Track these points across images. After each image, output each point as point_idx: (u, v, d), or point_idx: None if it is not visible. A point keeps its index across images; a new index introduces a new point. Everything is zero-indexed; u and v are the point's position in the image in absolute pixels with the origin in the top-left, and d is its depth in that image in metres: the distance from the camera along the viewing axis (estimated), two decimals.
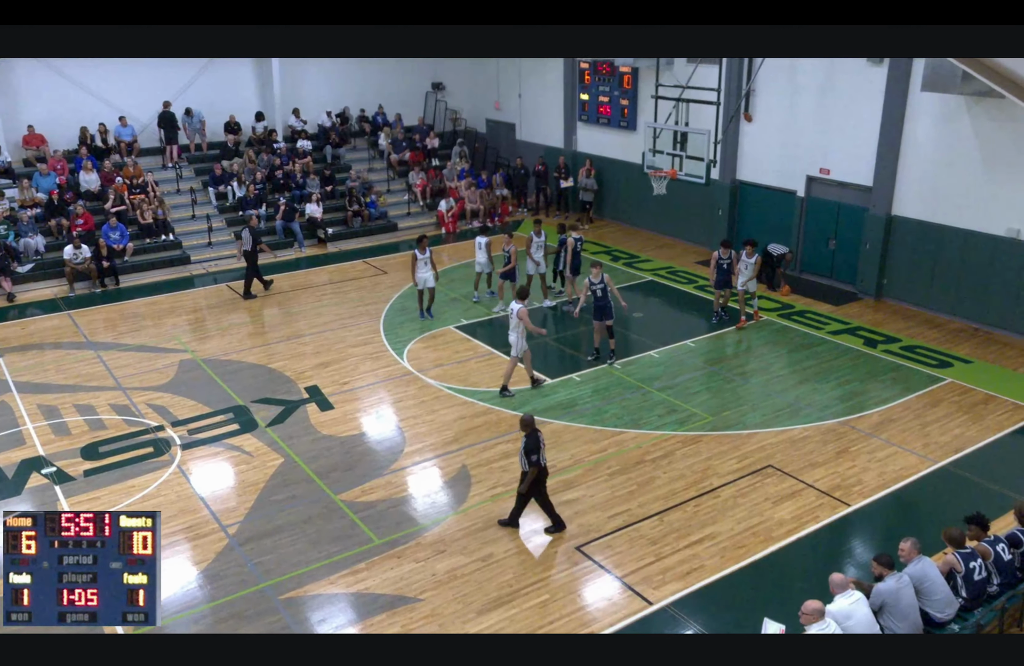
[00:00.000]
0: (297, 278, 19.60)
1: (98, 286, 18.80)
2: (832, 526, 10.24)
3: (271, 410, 13.18)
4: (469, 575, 9.42)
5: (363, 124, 25.66)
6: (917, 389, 13.63)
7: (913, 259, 16.80)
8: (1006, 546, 8.20)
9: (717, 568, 9.48)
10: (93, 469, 11.59)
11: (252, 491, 11.06)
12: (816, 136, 17.94)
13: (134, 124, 22.44)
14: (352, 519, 10.43)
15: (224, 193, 22.05)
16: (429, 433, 12.46)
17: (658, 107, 17.46)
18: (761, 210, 19.72)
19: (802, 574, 9.40)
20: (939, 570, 7.89)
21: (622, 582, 9.30)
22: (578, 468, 11.47)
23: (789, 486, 11.00)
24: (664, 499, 10.76)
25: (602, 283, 14.23)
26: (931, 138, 15.99)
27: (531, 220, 17.75)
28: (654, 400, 13.36)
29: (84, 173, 20.55)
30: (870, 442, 12.07)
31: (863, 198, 17.48)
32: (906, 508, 10.83)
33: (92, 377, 14.40)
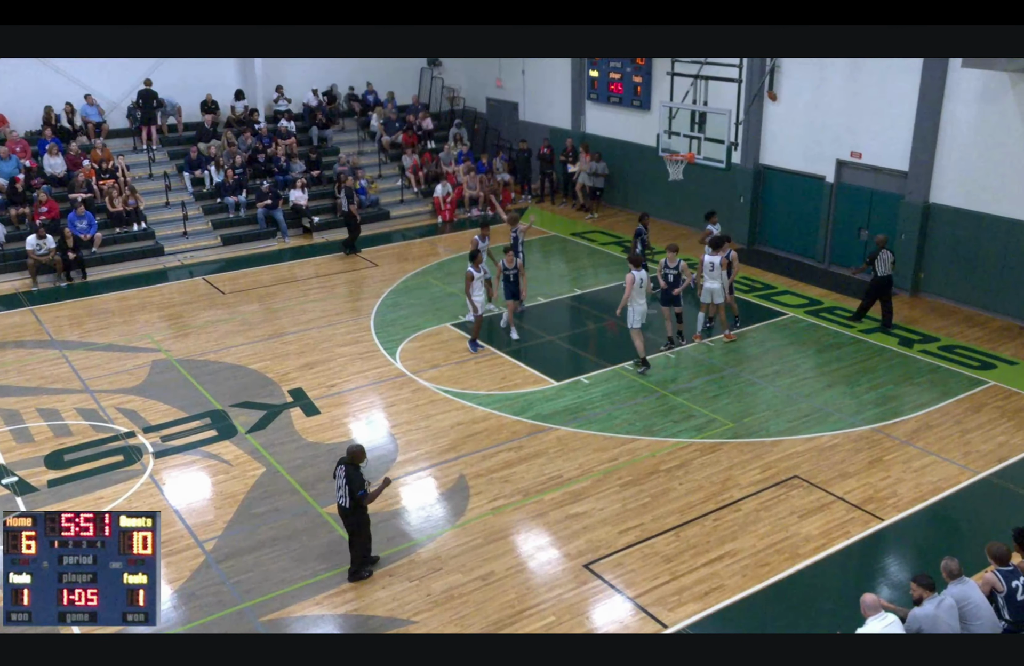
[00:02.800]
0: (280, 271, 19.61)
1: (63, 279, 18.80)
2: (864, 542, 10.22)
3: (252, 415, 13.18)
4: (468, 595, 9.41)
5: (352, 103, 25.66)
6: (957, 393, 13.61)
7: (952, 251, 16.77)
8: None
9: (738, 588, 9.47)
10: (58, 479, 11.59)
11: (231, 503, 11.05)
12: (847, 117, 17.91)
13: (103, 103, 22.43)
14: (340, 534, 10.41)
15: (200, 178, 22.05)
16: (424, 440, 12.45)
17: (674, 85, 17.43)
18: (786, 197, 19.70)
19: (831, 595, 9.39)
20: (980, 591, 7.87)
21: (634, 603, 9.29)
22: (586, 479, 11.47)
23: (817, 499, 10.98)
24: (680, 513, 10.75)
25: (676, 268, 14.45)
26: (972, 118, 15.95)
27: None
28: (670, 404, 13.35)
29: (49, 157, 20.56)
30: (905, 451, 12.05)
31: (898, 184, 17.45)
32: (945, 523, 10.82)
33: (57, 379, 14.40)
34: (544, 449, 12.17)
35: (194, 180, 22.02)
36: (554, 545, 10.23)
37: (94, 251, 19.47)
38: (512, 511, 10.81)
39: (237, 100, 23.90)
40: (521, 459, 11.93)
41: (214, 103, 23.50)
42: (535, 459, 11.92)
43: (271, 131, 23.48)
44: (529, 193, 24.82)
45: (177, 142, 23.06)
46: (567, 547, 10.16)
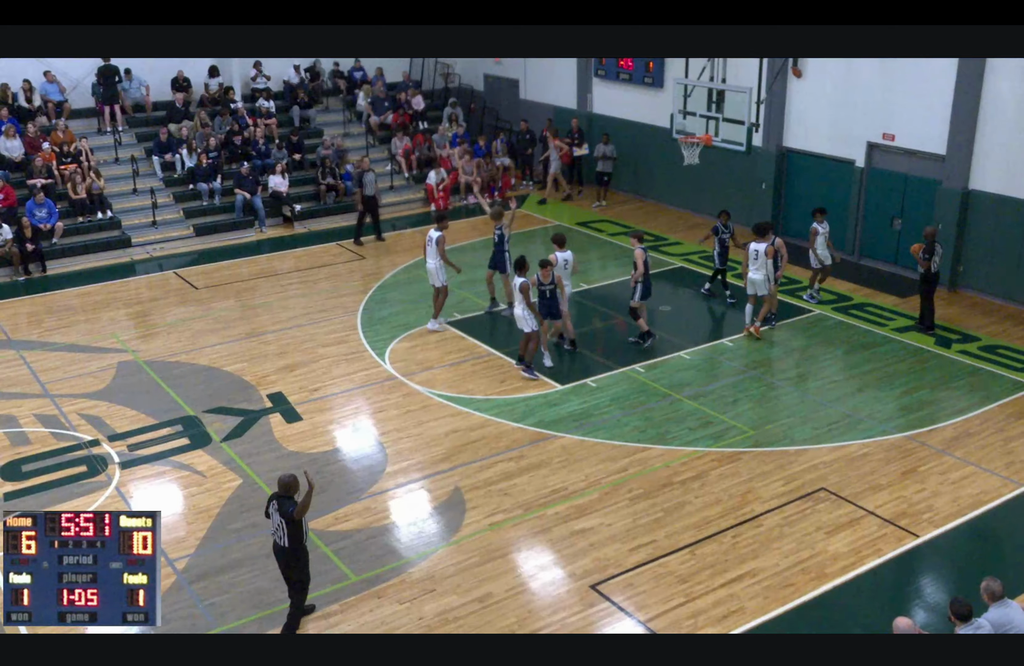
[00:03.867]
0: (258, 264, 19.63)
1: (21, 273, 18.82)
2: (897, 561, 10.22)
3: (227, 422, 13.20)
4: (463, 619, 9.42)
5: (337, 81, 25.67)
6: (999, 398, 13.62)
7: (994, 242, 16.77)
8: None
9: (759, 611, 9.48)
10: (15, 492, 11.59)
11: (205, 518, 11.06)
12: (879, 95, 17.92)
13: (64, 80, 22.44)
14: (324, 552, 10.43)
15: (171, 163, 22.06)
16: (416, 449, 12.46)
17: (689, 60, 17.45)
18: (812, 183, 19.72)
19: (860, 619, 9.39)
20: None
21: (646, 627, 9.29)
22: (593, 491, 11.48)
23: (846, 513, 10.99)
24: (696, 529, 10.76)
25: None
26: (1016, 98, 15.96)
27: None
28: (684, 410, 13.36)
29: (5, 139, 20.57)
30: (943, 461, 12.06)
31: (935, 169, 17.46)
32: (986, 540, 10.83)
33: (13, 382, 14.41)
34: (547, 459, 12.18)
35: (164, 165, 22.03)
36: (558, 564, 10.23)
37: (55, 242, 19.48)
38: (512, 527, 10.82)
39: (211, 77, 23.92)
40: (522, 470, 11.93)
41: (186, 80, 23.51)
42: (537, 470, 11.93)
43: (249, 111, 23.48)
44: (531, 178, 24.82)
45: (145, 123, 23.08)
46: (572, 566, 10.17)
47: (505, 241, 16.05)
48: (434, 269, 15.63)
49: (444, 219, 15.98)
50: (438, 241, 15.48)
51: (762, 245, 15.03)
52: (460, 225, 20.98)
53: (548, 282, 14.03)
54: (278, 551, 8.98)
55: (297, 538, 8.82)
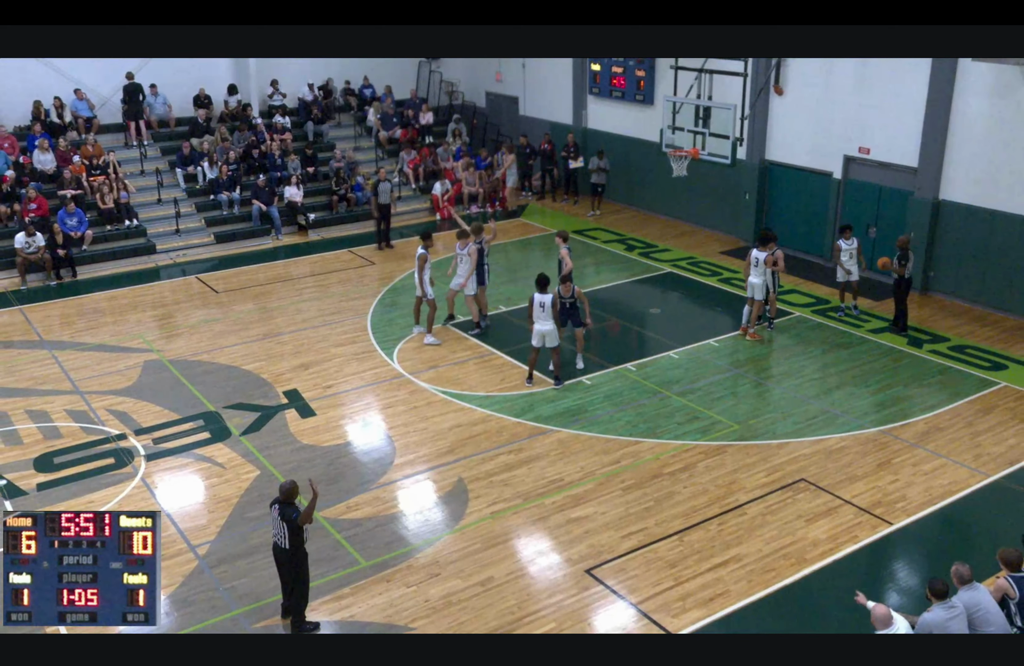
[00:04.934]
0: (275, 269, 19.62)
1: (53, 278, 18.80)
2: (873, 547, 10.22)
3: (246, 417, 13.19)
4: (467, 601, 9.42)
5: (349, 98, 25.66)
6: (968, 394, 13.61)
7: (963, 249, 16.76)
8: None
9: (743, 594, 9.47)
10: (47, 482, 11.59)
11: (224, 507, 11.06)
12: (855, 111, 17.91)
13: (93, 97, 22.44)
14: (336, 538, 10.43)
15: (193, 174, 22.05)
16: (422, 443, 12.46)
17: (678, 79, 17.44)
18: (793, 194, 19.71)
19: (838, 601, 9.37)
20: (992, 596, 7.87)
21: (637, 609, 9.29)
22: (588, 482, 11.47)
23: (824, 502, 10.98)
24: (684, 517, 10.76)
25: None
26: (984, 113, 15.95)
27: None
28: (673, 406, 13.35)
29: (39, 153, 20.57)
30: (915, 453, 12.05)
31: (907, 181, 17.45)
32: (956, 527, 10.83)
33: (46, 380, 14.41)
34: (545, 452, 12.17)
35: (186, 176, 22.02)
36: (555, 550, 10.23)
37: (84, 249, 19.48)
38: (512, 515, 10.81)
39: (230, 95, 23.91)
40: (521, 462, 11.93)
41: (207, 97, 23.50)
42: (536, 462, 11.93)
43: (266, 126, 23.48)
44: (530, 190, 24.82)
45: (169, 138, 23.08)
46: (568, 552, 10.17)
47: (484, 255, 15.70)
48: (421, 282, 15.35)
49: (429, 237, 15.52)
50: (418, 258, 15.18)
51: (763, 254, 15.08)
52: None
53: (568, 295, 13.78)
54: (279, 553, 8.89)
55: (298, 542, 8.75)
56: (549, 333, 13.55)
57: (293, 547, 8.74)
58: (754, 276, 15.21)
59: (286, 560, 8.84)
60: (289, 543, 8.71)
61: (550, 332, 13.55)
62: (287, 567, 8.89)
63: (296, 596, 8.97)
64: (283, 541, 8.73)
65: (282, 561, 8.89)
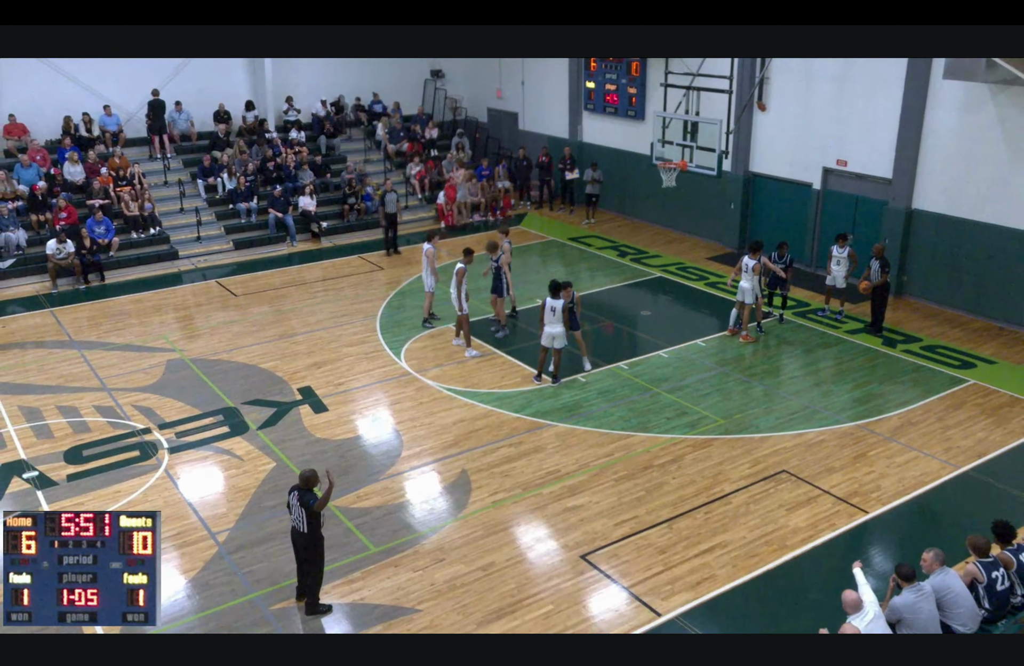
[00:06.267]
0: (289, 274, 19.61)
1: (82, 282, 18.80)
2: (849, 534, 10.23)
3: (262, 412, 13.18)
4: (469, 585, 9.42)
5: (359, 113, 25.66)
6: (938, 391, 13.61)
7: (934, 255, 16.78)
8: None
9: (728, 578, 9.48)
10: (77, 473, 11.59)
11: (242, 497, 11.06)
12: (833, 126, 17.91)
13: (119, 113, 22.45)
14: (347, 526, 10.43)
15: (213, 185, 22.05)
16: (427, 436, 12.46)
17: (667, 96, 17.46)
18: (775, 203, 19.71)
19: (817, 584, 9.40)
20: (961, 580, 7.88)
21: (629, 592, 9.29)
22: (583, 473, 11.47)
23: (804, 492, 10.99)
24: (673, 506, 10.76)
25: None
26: (953, 128, 15.96)
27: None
28: (663, 402, 13.35)
29: (69, 165, 20.57)
30: (889, 446, 12.05)
31: (882, 191, 17.46)
32: (927, 515, 10.83)
33: (76, 377, 14.41)
34: (543, 445, 12.17)
35: (207, 187, 22.01)
36: (552, 537, 10.24)
37: (111, 255, 19.46)
38: (512, 504, 10.82)
39: (248, 110, 23.90)
40: (521, 454, 11.93)
41: (227, 113, 23.50)
42: (534, 454, 11.93)
43: (282, 140, 23.48)
44: (528, 199, 24.81)
45: (191, 150, 23.06)
46: (565, 539, 10.17)
47: (501, 271, 15.58)
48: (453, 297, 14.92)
49: (471, 253, 15.15)
50: (456, 273, 14.79)
51: (752, 261, 15.07)
52: (466, 241, 20.95)
53: (569, 301, 13.65)
54: (297, 536, 8.91)
55: (315, 526, 8.76)
56: (558, 335, 13.55)
57: (311, 532, 8.75)
58: (744, 281, 15.20)
59: (304, 543, 8.85)
60: (307, 528, 8.72)
61: (559, 334, 13.55)
62: (304, 551, 8.89)
63: (311, 579, 8.97)
64: (301, 525, 8.75)
65: (300, 544, 8.90)
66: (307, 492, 8.74)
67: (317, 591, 9.05)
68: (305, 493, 8.72)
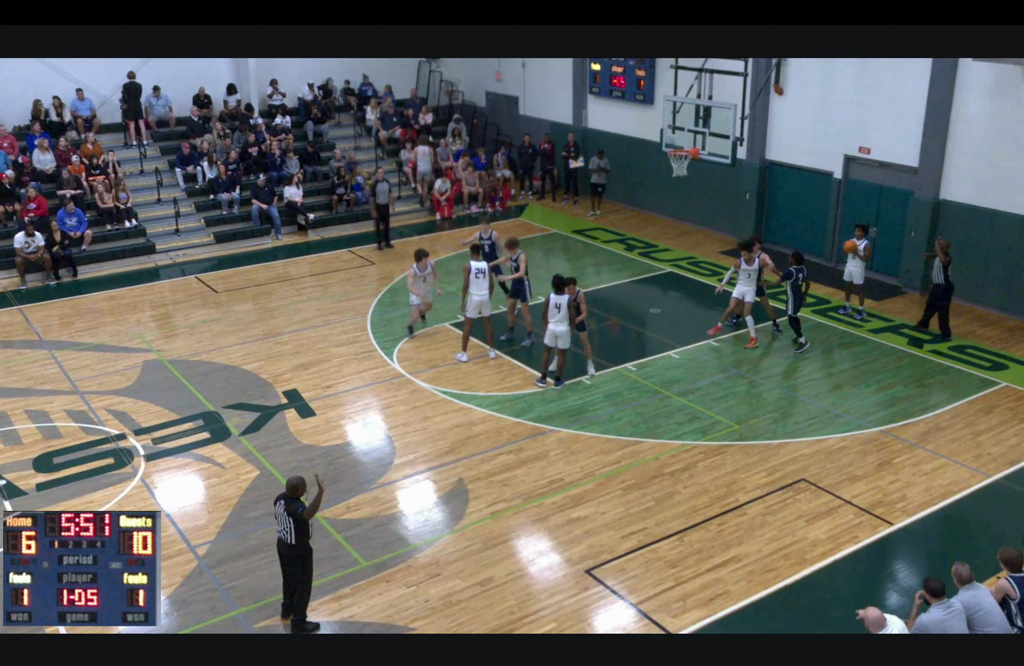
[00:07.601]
0: (274, 269, 19.61)
1: (52, 278, 18.79)
2: (873, 547, 10.22)
3: (245, 417, 13.18)
4: (466, 601, 9.41)
5: (348, 97, 25.65)
6: (968, 394, 13.60)
7: (963, 248, 16.74)
8: None
9: (743, 594, 9.47)
10: (47, 482, 11.58)
11: (224, 507, 11.05)
12: (855, 111, 17.90)
13: (92, 97, 22.43)
14: (336, 539, 10.42)
15: (193, 174, 22.03)
16: (422, 443, 12.45)
17: (678, 78, 17.43)
18: (793, 194, 19.70)
19: (839, 602, 9.38)
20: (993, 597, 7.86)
21: (637, 609, 9.28)
22: (588, 482, 11.47)
23: (824, 502, 10.98)
24: (684, 517, 10.75)
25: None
26: (984, 113, 15.95)
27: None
28: (673, 406, 13.34)
29: (39, 152, 20.56)
30: (915, 453, 12.05)
31: (907, 180, 17.45)
32: (956, 527, 10.82)
33: (45, 379, 14.40)
34: (545, 452, 12.17)
35: (186, 176, 22.00)
36: (555, 550, 10.23)
37: (84, 249, 19.47)
38: (512, 515, 10.81)
39: (229, 94, 23.88)
40: (521, 462, 11.92)
41: (207, 97, 23.48)
42: (536, 462, 11.92)
43: (266, 126, 23.46)
44: (530, 189, 24.81)
45: (169, 137, 23.04)
46: (568, 552, 10.16)
47: (525, 277, 15.30)
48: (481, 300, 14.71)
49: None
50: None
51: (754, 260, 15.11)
52: (465, 232, 20.93)
53: (573, 299, 13.52)
54: (283, 548, 8.89)
55: (304, 536, 8.75)
56: (562, 334, 13.49)
57: (299, 542, 8.74)
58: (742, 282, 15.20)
59: (291, 556, 8.84)
60: (295, 538, 8.71)
61: (563, 333, 13.49)
62: (292, 563, 8.89)
63: (299, 594, 8.96)
64: (288, 536, 8.73)
65: (287, 557, 8.89)
66: (294, 500, 8.72)
67: (304, 608, 9.02)
68: (292, 502, 8.70)
